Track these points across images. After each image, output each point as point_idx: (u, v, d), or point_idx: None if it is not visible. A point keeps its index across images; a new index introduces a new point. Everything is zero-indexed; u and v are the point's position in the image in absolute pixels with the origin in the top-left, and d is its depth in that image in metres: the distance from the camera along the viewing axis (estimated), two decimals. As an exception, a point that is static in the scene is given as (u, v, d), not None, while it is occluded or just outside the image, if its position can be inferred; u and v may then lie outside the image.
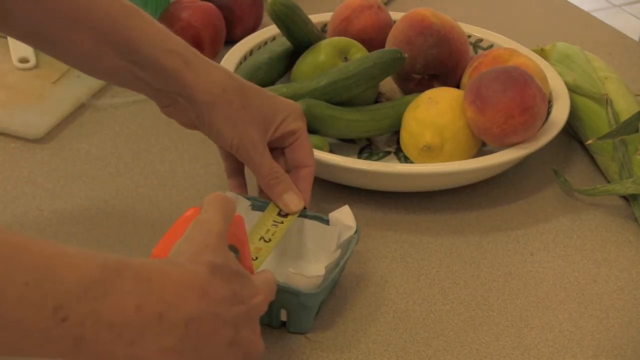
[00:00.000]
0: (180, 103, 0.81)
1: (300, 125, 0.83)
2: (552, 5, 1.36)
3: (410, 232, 0.90)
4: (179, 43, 0.80)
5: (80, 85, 1.07)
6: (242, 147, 0.80)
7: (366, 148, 1.00)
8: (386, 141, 1.01)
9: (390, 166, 0.93)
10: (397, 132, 0.98)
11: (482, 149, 0.96)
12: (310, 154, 0.84)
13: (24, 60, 1.10)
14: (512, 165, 0.96)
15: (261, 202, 0.83)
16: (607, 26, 1.32)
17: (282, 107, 0.83)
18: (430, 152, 0.93)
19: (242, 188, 0.86)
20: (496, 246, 0.89)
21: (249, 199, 0.83)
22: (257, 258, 0.75)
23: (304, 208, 0.82)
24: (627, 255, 0.89)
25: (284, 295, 0.74)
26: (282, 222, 0.80)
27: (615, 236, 0.91)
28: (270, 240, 0.78)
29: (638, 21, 3.14)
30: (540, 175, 0.99)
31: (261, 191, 0.84)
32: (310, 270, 0.81)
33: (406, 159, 0.97)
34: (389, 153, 1.00)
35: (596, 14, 1.43)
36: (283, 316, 0.77)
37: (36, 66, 1.10)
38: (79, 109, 1.05)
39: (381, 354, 0.76)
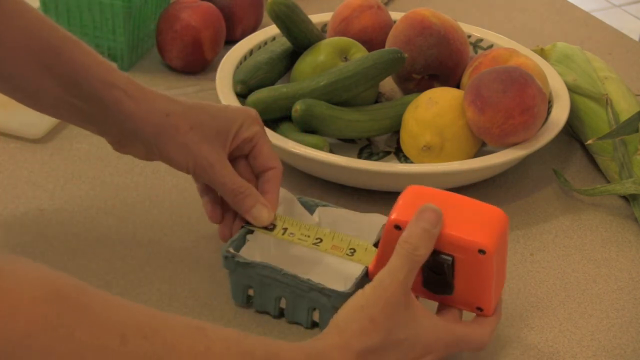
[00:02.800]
0: (128, 137, 0.79)
1: (256, 129, 0.81)
2: (552, 5, 1.37)
3: (410, 232, 0.90)
4: (120, 76, 0.78)
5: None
6: (198, 168, 0.78)
7: (366, 148, 1.00)
8: (386, 141, 1.01)
9: (390, 166, 0.93)
10: (397, 132, 0.98)
11: (482, 149, 0.96)
12: (272, 155, 0.82)
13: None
14: (512, 165, 0.96)
15: (312, 202, 0.83)
16: (607, 26, 1.32)
17: (235, 116, 0.80)
18: (430, 152, 0.93)
19: (214, 204, 0.83)
20: (496, 246, 0.89)
21: (300, 199, 0.83)
22: (354, 251, 0.76)
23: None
24: (627, 255, 0.89)
25: (317, 296, 0.74)
26: (286, 229, 0.79)
27: (615, 236, 0.91)
28: (320, 240, 0.77)
29: (638, 21, 3.14)
30: (540, 175, 0.99)
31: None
32: (336, 261, 0.80)
33: (406, 159, 0.97)
34: (389, 153, 1.00)
35: (596, 14, 1.43)
36: (315, 317, 0.76)
37: (36, 66, 1.10)
38: (79, 109, 1.05)
39: (381, 354, 0.76)
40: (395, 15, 1.08)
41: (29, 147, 0.99)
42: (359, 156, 0.99)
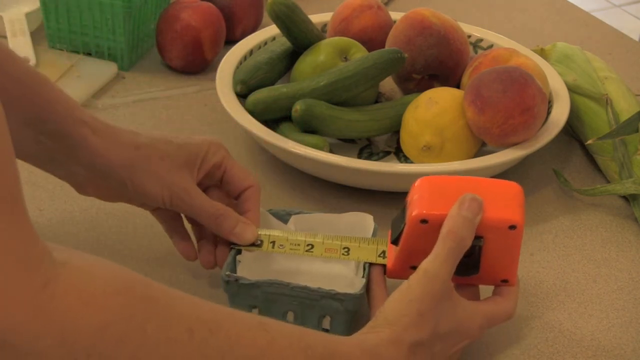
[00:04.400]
0: (95, 176, 0.78)
1: (221, 155, 0.80)
2: (552, 5, 1.36)
3: (410, 232, 0.90)
4: (86, 113, 0.77)
5: (80, 85, 1.07)
6: (174, 196, 0.77)
7: (366, 148, 1.00)
8: (386, 141, 1.01)
9: (390, 166, 0.93)
10: (397, 132, 0.98)
11: (482, 149, 0.96)
12: (245, 175, 0.81)
13: (24, 60, 1.10)
14: (512, 165, 0.96)
15: (283, 212, 0.82)
16: (607, 26, 1.32)
17: (199, 144, 0.80)
18: (430, 152, 0.93)
19: (185, 242, 0.81)
20: (496, 246, 0.89)
21: (270, 211, 0.82)
22: (348, 250, 0.76)
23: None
24: (627, 255, 0.89)
25: (329, 302, 0.73)
26: (275, 242, 0.78)
27: (615, 236, 0.91)
28: (311, 246, 0.77)
29: (638, 21, 3.14)
30: (540, 175, 0.99)
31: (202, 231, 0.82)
32: (337, 268, 0.80)
33: (406, 159, 0.97)
34: (389, 153, 1.00)
35: (596, 14, 1.43)
36: (326, 324, 0.76)
37: (36, 66, 1.10)
38: (79, 109, 1.05)
39: (381, 354, 0.76)
40: (395, 15, 1.08)
41: (29, 147, 0.99)
42: (359, 156, 0.99)
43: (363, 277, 0.75)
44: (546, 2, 1.37)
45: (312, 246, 0.77)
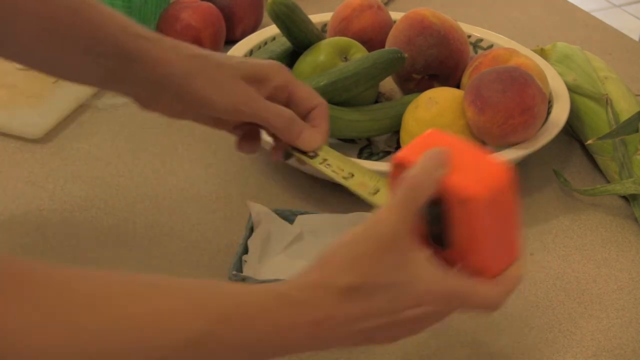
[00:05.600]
0: (155, 89, 0.77)
1: (284, 77, 0.79)
2: (552, 5, 1.36)
3: (410, 232, 0.90)
4: (140, 27, 0.78)
5: (80, 85, 1.07)
6: (239, 102, 0.76)
7: (366, 148, 1.00)
8: (386, 141, 1.01)
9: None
10: (397, 132, 0.98)
11: (482, 149, 0.96)
12: (313, 95, 0.80)
13: None
14: (512, 165, 0.96)
15: (288, 212, 0.81)
16: (607, 26, 1.32)
17: (257, 66, 0.79)
18: (430, 152, 0.93)
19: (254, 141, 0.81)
20: (496, 246, 0.89)
21: (274, 210, 0.82)
22: (378, 191, 0.73)
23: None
24: (627, 255, 0.89)
25: None
26: (325, 160, 0.76)
27: (615, 236, 0.91)
28: (351, 175, 0.75)
29: (638, 21, 3.14)
30: (540, 175, 0.99)
31: (274, 147, 0.81)
32: None
33: (406, 159, 0.97)
34: (389, 153, 1.00)
35: (596, 14, 1.43)
36: None
37: (36, 66, 1.10)
38: (79, 109, 1.05)
39: (381, 354, 0.76)
40: (395, 15, 1.08)
41: (29, 147, 0.99)
42: (359, 156, 0.99)
43: None
44: (546, 2, 1.37)
45: (352, 175, 0.75)
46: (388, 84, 1.05)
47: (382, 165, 0.91)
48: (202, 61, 0.77)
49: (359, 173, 0.75)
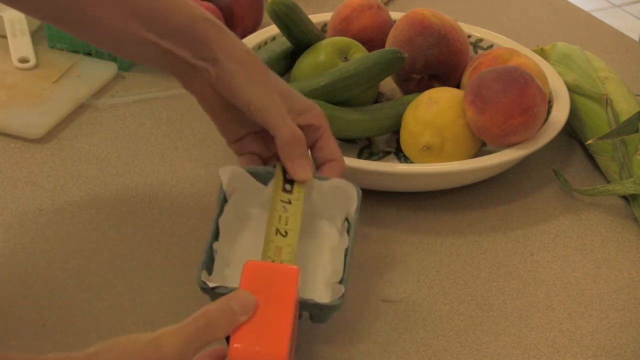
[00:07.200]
0: (201, 70, 0.78)
1: (322, 121, 0.81)
2: (552, 5, 1.36)
3: (410, 232, 0.90)
4: (204, 11, 0.79)
5: (80, 85, 1.07)
6: (265, 108, 0.77)
7: (366, 148, 1.00)
8: (386, 141, 1.01)
9: (390, 166, 0.93)
10: (397, 132, 0.98)
11: (482, 149, 0.96)
12: (337, 150, 0.81)
13: (24, 60, 1.10)
14: (512, 165, 0.96)
15: (264, 171, 0.80)
16: (607, 26, 1.32)
17: (299, 97, 0.81)
18: (430, 152, 0.93)
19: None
20: (496, 246, 0.89)
21: (249, 170, 0.80)
22: (282, 261, 0.71)
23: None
24: (627, 255, 0.89)
25: (310, 308, 0.72)
26: (289, 202, 0.76)
27: (615, 236, 0.91)
28: (286, 233, 0.73)
29: (638, 21, 3.14)
30: (540, 175, 0.99)
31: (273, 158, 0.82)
32: (325, 226, 0.80)
33: (406, 159, 0.97)
34: (389, 153, 1.00)
35: (596, 14, 1.43)
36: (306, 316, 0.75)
37: (36, 66, 1.10)
38: (79, 109, 1.05)
39: (381, 354, 0.76)
40: (395, 15, 1.08)
41: (29, 147, 0.99)
42: (359, 156, 0.98)
43: (348, 233, 0.77)
44: (546, 2, 1.37)
45: (285, 235, 0.74)
46: (388, 84, 1.05)
47: (382, 166, 0.91)
48: (254, 64, 0.79)
49: (292, 242, 0.73)
